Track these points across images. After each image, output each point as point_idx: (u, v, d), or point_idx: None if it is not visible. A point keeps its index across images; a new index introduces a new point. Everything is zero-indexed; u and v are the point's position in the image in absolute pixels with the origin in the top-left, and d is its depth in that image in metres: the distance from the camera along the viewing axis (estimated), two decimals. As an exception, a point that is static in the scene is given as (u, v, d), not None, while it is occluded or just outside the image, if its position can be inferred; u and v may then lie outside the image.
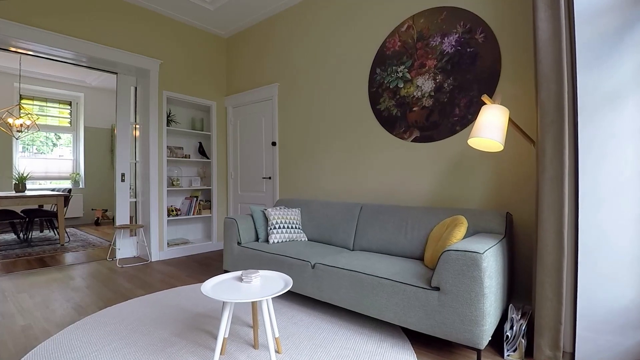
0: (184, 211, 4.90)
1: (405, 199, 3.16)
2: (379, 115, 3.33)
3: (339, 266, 2.42)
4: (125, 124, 4.50)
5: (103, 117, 8.16)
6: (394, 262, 2.46)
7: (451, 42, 2.89)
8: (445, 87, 2.91)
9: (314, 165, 3.97)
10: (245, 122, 4.88)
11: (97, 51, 3.90)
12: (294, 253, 2.81)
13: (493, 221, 2.46)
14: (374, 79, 3.38)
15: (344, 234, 3.10)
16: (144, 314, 2.63)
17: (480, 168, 2.74)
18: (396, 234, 2.77)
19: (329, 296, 2.47)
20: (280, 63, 4.37)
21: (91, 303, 2.90)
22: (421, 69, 3.05)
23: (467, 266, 1.88)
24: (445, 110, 2.91)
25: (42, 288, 3.29)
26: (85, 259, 4.46)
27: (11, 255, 4.65)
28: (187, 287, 3.28)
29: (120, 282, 3.48)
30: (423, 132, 3.03)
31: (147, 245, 4.40)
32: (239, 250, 3.23)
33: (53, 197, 5.31)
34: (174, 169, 4.96)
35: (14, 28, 3.37)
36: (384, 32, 3.32)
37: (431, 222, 2.65)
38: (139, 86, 4.56)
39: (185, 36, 4.75)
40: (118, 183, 4.44)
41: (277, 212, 3.32)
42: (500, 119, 2.19)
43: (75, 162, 7.92)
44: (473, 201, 2.78)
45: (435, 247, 2.33)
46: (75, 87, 7.73)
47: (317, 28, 3.93)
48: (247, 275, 1.87)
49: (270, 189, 4.55)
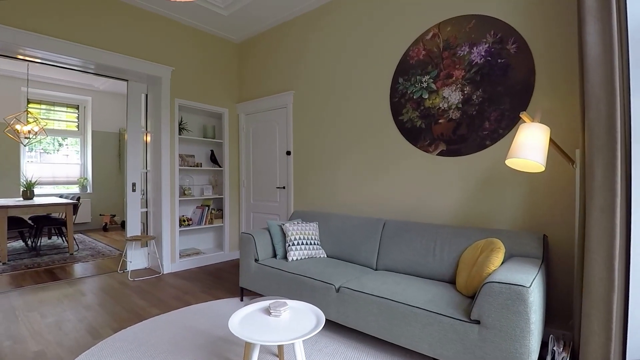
0: (195, 221, 4.79)
1: (429, 215, 3.02)
2: (402, 126, 3.19)
3: (367, 291, 2.30)
4: (136, 132, 4.39)
5: (111, 121, 8.06)
6: (424, 286, 2.33)
7: (480, 52, 2.75)
8: (474, 99, 2.77)
9: (331, 177, 3.84)
10: (258, 130, 4.76)
11: (107, 58, 3.79)
12: (315, 273, 2.68)
13: (529, 244, 2.33)
14: (397, 88, 3.24)
15: (366, 252, 2.98)
16: (160, 339, 2.52)
17: (513, 186, 2.61)
18: (424, 254, 2.64)
19: (355, 322, 2.35)
20: (296, 70, 4.24)
21: (105, 324, 2.79)
22: (448, 80, 2.91)
23: (511, 300, 1.75)
24: (473, 123, 2.78)
25: (53, 306, 3.19)
26: (96, 270, 4.37)
27: (20, 266, 4.56)
28: (203, 305, 3.17)
29: (133, 299, 3.38)
30: (450, 145, 2.90)
31: (158, 257, 4.29)
32: (257, 268, 3.11)
33: (62, 206, 5.21)
34: (185, 177, 4.85)
35: (22, 36, 3.26)
36: (407, 40, 3.18)
37: (462, 243, 2.52)
38: (149, 93, 4.45)
39: (197, 42, 4.63)
40: (129, 193, 4.34)
41: (294, 227, 3.20)
42: (541, 138, 2.06)
43: (82, 167, 7.84)
44: (504, 221, 2.64)
45: (470, 273, 2.20)
46: (82, 90, 7.63)
47: (335, 35, 3.80)
48: (276, 309, 1.75)
49: (284, 199, 4.43)
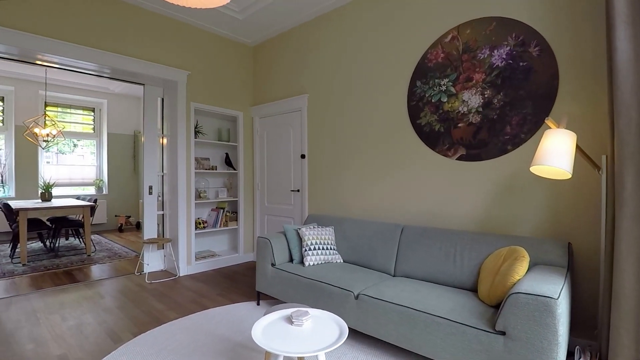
0: (210, 223, 4.82)
1: (448, 221, 2.98)
2: (420, 130, 3.16)
3: (386, 299, 2.27)
4: (152, 136, 4.43)
5: (126, 124, 8.17)
6: (445, 294, 2.30)
7: (501, 55, 2.70)
8: (494, 103, 2.72)
9: (346, 181, 3.82)
10: (273, 133, 4.76)
11: (124, 63, 3.83)
12: (333, 279, 2.67)
13: (553, 252, 2.28)
14: (414, 91, 3.20)
15: (383, 258, 2.95)
16: (179, 343, 2.54)
17: (535, 192, 2.55)
18: (444, 261, 2.60)
19: (374, 330, 2.33)
20: (310, 73, 4.23)
21: (124, 328, 2.82)
22: (467, 83, 2.87)
23: (539, 312, 1.71)
24: (494, 127, 2.73)
25: (73, 308, 3.24)
26: (113, 272, 4.42)
27: (39, 267, 4.64)
28: (220, 309, 3.18)
29: (151, 302, 3.41)
30: (470, 150, 2.85)
31: (175, 260, 4.33)
32: (273, 272, 3.11)
33: (80, 208, 5.30)
34: (200, 180, 4.88)
35: (41, 41, 3.31)
36: (425, 42, 3.14)
37: (483, 250, 2.47)
38: (165, 97, 4.49)
39: (212, 45, 4.65)
40: (146, 196, 4.38)
41: (311, 231, 3.19)
42: (568, 145, 2.01)
43: (98, 168, 7.96)
44: (526, 228, 2.59)
45: (493, 282, 2.16)
46: (98, 93, 7.75)
47: (350, 37, 3.77)
48: (298, 318, 1.74)
49: (298, 202, 4.43)
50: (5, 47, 3.19)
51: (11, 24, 3.16)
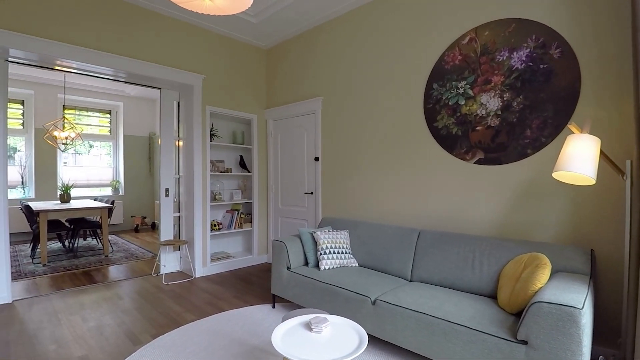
0: (225, 225, 4.86)
1: (466, 226, 2.95)
2: (437, 133, 3.13)
3: (404, 305, 2.26)
4: (169, 138, 4.49)
5: (141, 126, 8.30)
6: (464, 301, 2.27)
7: (521, 57, 2.65)
8: (514, 106, 2.68)
9: (360, 184, 3.81)
10: (287, 136, 4.78)
11: (142, 68, 3.88)
12: (349, 284, 2.66)
13: (575, 259, 2.23)
14: (431, 94, 3.17)
15: (400, 263, 2.93)
16: (197, 346, 2.56)
17: (556, 197, 2.50)
18: (462, 266, 2.57)
19: (392, 336, 2.31)
20: (324, 76, 4.22)
21: (143, 330, 2.86)
22: (486, 86, 2.83)
23: (562, 322, 1.68)
24: (514, 131, 2.68)
25: (93, 309, 3.30)
26: (131, 273, 4.49)
27: (59, 267, 4.75)
28: (236, 312, 3.20)
29: (168, 303, 3.45)
30: (488, 153, 2.81)
31: (191, 262, 4.38)
32: (289, 276, 3.12)
33: (98, 209, 5.40)
34: (216, 182, 4.92)
35: (59, 47, 3.37)
36: (442, 44, 3.11)
37: (502, 256, 2.44)
38: (182, 101, 4.54)
39: (227, 49, 4.68)
40: (162, 198, 4.44)
41: (326, 235, 3.19)
42: (592, 150, 1.96)
43: (114, 170, 8.10)
44: (547, 234, 2.54)
45: (514, 289, 2.13)
46: (115, 96, 7.88)
47: (366, 40, 3.75)
48: (317, 325, 1.74)
49: (312, 205, 4.43)
50: (25, 53, 3.26)
51: (31, 31, 3.23)
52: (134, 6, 3.85)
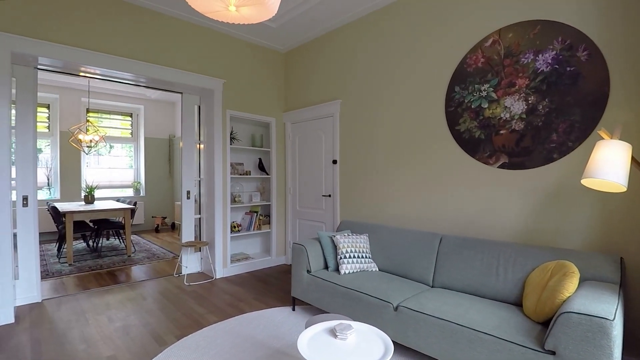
0: (244, 226, 4.92)
1: (489, 231, 2.91)
2: (459, 137, 3.09)
3: (427, 312, 2.25)
4: (190, 142, 4.57)
5: (161, 128, 8.47)
6: (488, 309, 2.24)
7: (547, 60, 2.60)
8: (539, 110, 2.63)
9: (379, 187, 3.80)
10: (305, 139, 4.80)
11: (164, 74, 3.96)
12: (370, 289, 2.66)
13: (604, 267, 2.17)
14: (452, 97, 3.14)
15: (421, 268, 2.91)
16: (221, 348, 2.61)
17: (583, 203, 2.44)
18: (485, 273, 2.54)
19: (414, 342, 2.30)
20: (343, 79, 4.22)
21: (168, 331, 2.93)
22: (510, 89, 2.78)
23: (592, 333, 1.64)
24: (539, 135, 2.63)
25: (118, 309, 3.39)
26: (153, 274, 4.59)
27: (85, 267, 4.89)
28: (257, 314, 3.24)
29: (190, 304, 3.52)
30: (512, 158, 2.76)
31: (212, 263, 4.45)
32: (309, 279, 3.14)
33: (121, 210, 5.54)
34: (235, 185, 4.99)
35: (84, 55, 3.46)
36: (464, 47, 3.07)
37: (527, 263, 2.40)
38: (202, 105, 4.62)
39: (246, 53, 4.73)
40: (184, 200, 4.53)
41: (346, 239, 3.19)
42: (622, 157, 1.91)
43: (136, 171, 8.28)
44: (574, 241, 2.48)
45: (540, 298, 2.09)
46: (136, 99, 8.07)
47: (385, 42, 3.74)
48: (342, 332, 1.75)
49: (330, 208, 4.44)
50: (52, 60, 3.36)
51: (57, 39, 3.33)
52: (156, 13, 3.93)
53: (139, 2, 3.76)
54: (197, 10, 1.86)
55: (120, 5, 3.69)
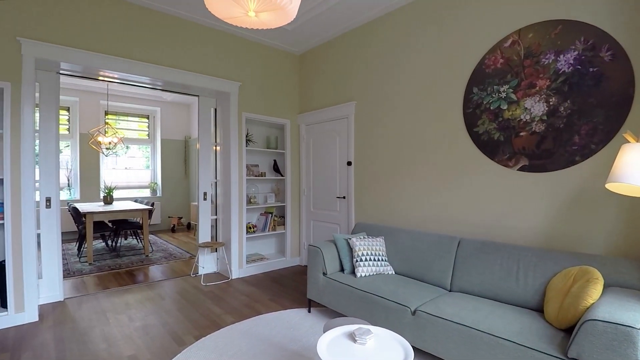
0: (259, 227, 4.95)
1: (509, 235, 2.86)
2: (477, 138, 3.05)
3: (446, 317, 2.23)
4: (207, 144, 4.63)
5: (177, 130, 8.59)
6: (508, 314, 2.21)
7: (568, 60, 2.55)
8: (561, 111, 2.58)
9: (395, 189, 3.78)
10: (319, 140, 4.81)
11: (181, 77, 4.02)
12: (387, 293, 2.65)
13: (629, 273, 2.12)
14: (471, 98, 3.10)
15: (439, 272, 2.88)
16: (239, 349, 2.63)
17: (607, 207, 2.38)
18: (505, 277, 2.50)
19: (433, 347, 2.29)
20: (358, 80, 4.21)
21: (186, 331, 2.97)
22: (530, 90, 2.73)
23: (618, 342, 1.60)
24: (561, 137, 2.58)
25: (138, 309, 3.45)
26: (171, 273, 4.67)
27: (104, 267, 5.00)
28: (273, 315, 3.26)
29: (208, 305, 3.56)
30: (533, 160, 2.72)
31: (228, 263, 4.50)
32: (325, 282, 3.14)
33: (139, 211, 5.64)
34: (251, 186, 5.03)
35: (102, 59, 3.53)
36: (482, 48, 3.03)
37: (549, 268, 2.35)
38: (218, 108, 4.67)
39: (261, 56, 4.77)
40: (201, 202, 4.59)
41: (361, 242, 3.19)
42: (650, 160, 1.86)
43: (152, 172, 8.42)
44: (597, 245, 2.43)
45: (563, 304, 2.05)
46: (152, 102, 8.20)
47: (400, 43, 3.72)
48: (361, 336, 1.75)
49: (344, 209, 4.44)
50: (72, 65, 3.44)
51: (77, 44, 3.41)
52: (173, 17, 3.99)
53: (157, 7, 3.82)
54: (216, 16, 1.88)
55: (138, 11, 3.76)
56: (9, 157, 3.05)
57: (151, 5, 3.79)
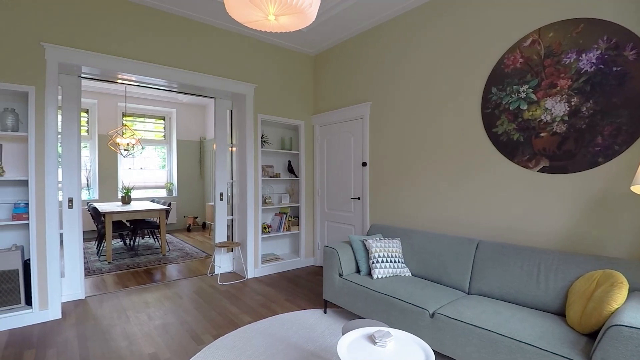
0: (274, 227, 4.99)
1: (529, 238, 2.82)
2: (496, 139, 3.02)
3: (466, 320, 2.21)
4: (223, 145, 4.69)
5: (192, 131, 8.71)
6: (529, 318, 2.18)
7: (591, 60, 2.49)
8: (583, 112, 2.53)
9: (411, 190, 3.75)
10: (333, 141, 4.81)
11: (198, 80, 4.07)
12: (405, 295, 2.64)
13: (656, 277, 2.07)
14: (489, 99, 3.07)
15: (457, 274, 2.86)
16: (256, 349, 2.66)
17: (632, 210, 2.33)
18: (525, 281, 2.46)
19: (451, 351, 2.27)
20: (373, 80, 4.20)
21: (204, 330, 3.01)
22: (551, 90, 2.69)
23: (646, 348, 1.57)
24: (583, 138, 2.53)
25: (157, 308, 3.52)
26: (188, 273, 4.74)
27: (123, 265, 5.10)
28: (289, 316, 3.28)
29: (224, 304, 3.60)
30: (553, 161, 2.67)
31: (243, 263, 4.54)
32: (341, 283, 3.15)
33: (156, 211, 5.74)
34: (266, 187, 5.07)
35: (121, 63, 3.59)
36: (501, 47, 2.99)
37: (571, 272, 2.31)
38: (234, 109, 4.72)
39: (277, 58, 4.80)
40: (217, 202, 4.64)
41: (378, 243, 3.18)
42: (679, 161, 1.81)
43: (168, 173, 8.55)
44: (620, 249, 2.37)
45: (586, 308, 2.01)
46: (168, 103, 8.33)
47: (417, 43, 3.69)
48: (381, 339, 1.75)
49: (359, 210, 4.43)
50: (92, 68, 3.51)
51: (97, 49, 3.48)
52: (190, 20, 4.04)
53: (173, 10, 3.87)
54: (236, 20, 1.90)
55: (155, 14, 3.82)
56: (34, 159, 3.13)
57: (168, 9, 3.85)
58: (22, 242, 3.32)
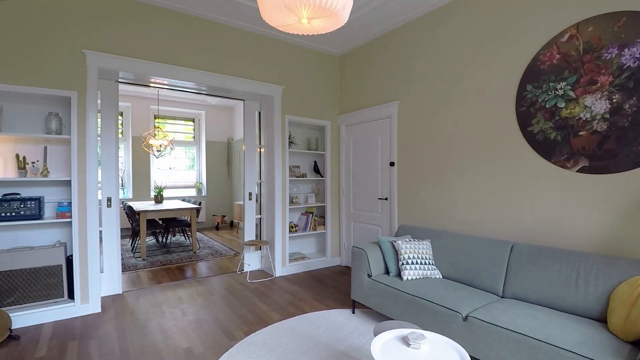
0: (301, 227, 5.04)
1: (566, 241, 2.72)
2: (531, 138, 2.93)
3: (500, 325, 2.16)
4: (252, 146, 4.77)
5: (220, 132, 8.91)
6: (568, 324, 2.11)
7: (634, 55, 2.38)
8: (625, 109, 2.41)
9: (441, 191, 3.70)
10: (360, 141, 4.80)
11: (228, 82, 4.16)
12: (436, 297, 2.61)
13: None
14: (524, 96, 2.98)
15: (490, 277, 2.80)
16: (286, 347, 2.70)
17: (682, 211, 2.21)
18: (563, 285, 2.38)
19: (485, 355, 2.23)
20: (401, 79, 4.16)
21: (236, 326, 3.09)
22: (590, 87, 2.58)
23: (699, 358, 1.49)
24: (625, 136, 2.42)
25: (190, 304, 3.63)
26: (218, 270, 4.86)
27: (156, 262, 5.29)
28: (318, 315, 3.31)
29: (254, 301, 3.68)
30: (593, 161, 2.57)
31: (272, 261, 4.61)
32: (370, 284, 3.15)
33: (188, 210, 5.91)
34: (292, 187, 5.13)
35: (154, 67, 3.72)
36: (536, 43, 2.90)
37: (612, 276, 2.22)
38: (262, 111, 4.80)
39: (303, 59, 4.84)
40: (246, 202, 4.74)
41: (407, 245, 3.16)
42: None
43: (197, 173, 8.79)
44: (669, 251, 2.26)
45: (630, 315, 1.93)
46: (197, 105, 8.56)
47: (447, 40, 3.63)
48: (415, 341, 1.74)
49: (386, 211, 4.40)
50: (127, 73, 3.65)
51: (132, 54, 3.62)
52: (218, 24, 4.14)
53: (203, 15, 3.97)
54: (270, 24, 1.94)
55: (186, 20, 3.93)
56: (76, 160, 3.30)
57: (198, 14, 3.95)
58: (65, 239, 3.50)
